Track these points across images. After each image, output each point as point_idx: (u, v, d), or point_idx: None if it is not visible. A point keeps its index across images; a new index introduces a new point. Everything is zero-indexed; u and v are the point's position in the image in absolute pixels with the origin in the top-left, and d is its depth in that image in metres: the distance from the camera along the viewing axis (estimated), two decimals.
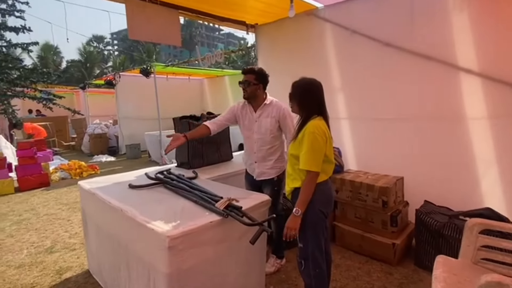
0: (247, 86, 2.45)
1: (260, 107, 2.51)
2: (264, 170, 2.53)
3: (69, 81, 23.77)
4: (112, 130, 10.20)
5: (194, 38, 45.58)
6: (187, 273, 1.63)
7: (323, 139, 1.77)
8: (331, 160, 1.89)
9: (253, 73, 2.46)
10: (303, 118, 1.88)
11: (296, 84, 1.91)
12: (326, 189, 1.89)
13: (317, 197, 1.82)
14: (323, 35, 3.54)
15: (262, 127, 2.49)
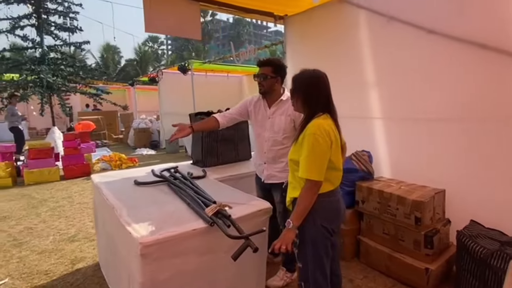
0: (264, 80, 2.21)
1: (276, 103, 2.27)
2: (274, 173, 2.29)
3: (125, 79, 25.72)
4: (155, 125, 10.68)
5: (242, 36, 46.26)
6: (163, 285, 1.48)
7: (326, 142, 1.49)
8: (337, 167, 1.60)
9: (270, 65, 2.21)
10: (305, 117, 1.62)
11: (299, 77, 1.64)
12: (330, 202, 1.60)
13: (319, 210, 1.55)
14: (356, 23, 3.14)
15: (275, 125, 2.24)
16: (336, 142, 1.56)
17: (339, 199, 1.65)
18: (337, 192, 1.65)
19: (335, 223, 1.63)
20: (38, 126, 13.96)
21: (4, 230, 3.53)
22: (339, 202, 1.65)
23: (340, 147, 1.62)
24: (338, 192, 1.66)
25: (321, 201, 1.55)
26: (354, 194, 2.74)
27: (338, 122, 1.62)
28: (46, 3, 7.27)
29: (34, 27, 7.22)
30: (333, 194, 1.62)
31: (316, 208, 1.54)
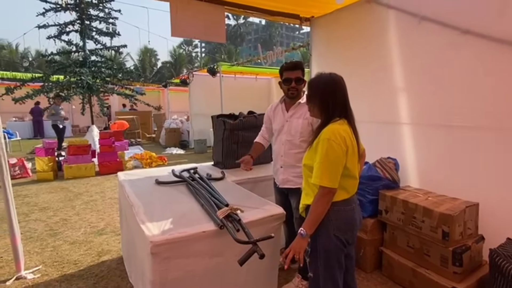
0: (300, 83, 2.18)
1: (294, 106, 2.24)
2: (290, 178, 2.25)
3: (161, 80, 26.86)
4: (185, 125, 11.02)
5: (273, 38, 46.34)
6: (173, 285, 1.51)
7: (341, 148, 1.44)
8: (353, 175, 1.54)
9: (301, 68, 2.21)
10: (322, 122, 1.58)
11: (315, 82, 1.59)
12: (345, 211, 1.53)
13: (333, 220, 1.50)
14: (385, 25, 3.00)
15: (292, 129, 2.22)
16: (353, 148, 1.50)
17: (354, 208, 1.57)
18: (352, 201, 1.58)
19: (349, 234, 1.56)
20: (80, 124, 15.01)
21: (43, 220, 3.83)
22: (354, 212, 1.57)
23: (358, 154, 1.55)
24: (354, 201, 1.59)
25: (336, 210, 1.49)
26: (377, 203, 2.61)
27: (355, 128, 1.56)
28: (89, 10, 7.83)
29: (78, 33, 7.81)
30: (348, 203, 1.55)
31: (330, 217, 1.49)
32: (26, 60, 29.75)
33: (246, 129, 3.01)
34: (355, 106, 3.37)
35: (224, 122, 2.93)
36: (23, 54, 29.76)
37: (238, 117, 3.06)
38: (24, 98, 7.15)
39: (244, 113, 3.22)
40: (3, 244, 3.13)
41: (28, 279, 2.52)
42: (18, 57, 28.63)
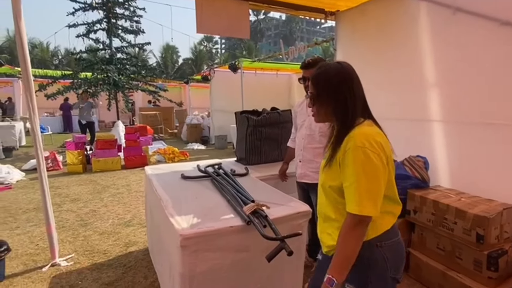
0: None
1: None
2: (307, 172, 2.27)
3: (182, 77, 27.34)
4: (206, 121, 11.16)
5: (294, 33, 45.80)
6: (201, 277, 1.53)
7: (380, 159, 1.06)
8: (394, 198, 1.19)
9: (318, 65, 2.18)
10: (341, 127, 1.16)
11: (324, 76, 1.18)
12: (398, 243, 1.20)
13: (389, 258, 1.15)
14: (415, 17, 2.88)
15: (312, 123, 2.23)
16: (391, 159, 1.14)
17: (401, 238, 1.24)
18: (397, 228, 1.24)
19: (401, 269, 1.22)
20: (106, 120, 15.57)
21: (74, 211, 4.02)
22: (402, 242, 1.24)
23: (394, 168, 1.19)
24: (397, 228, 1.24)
25: (389, 244, 1.16)
26: (405, 202, 2.53)
27: (383, 131, 1.18)
28: (115, 8, 8.07)
29: (105, 31, 8.07)
30: (397, 232, 1.22)
31: (386, 255, 1.14)
32: (56, 58, 31.21)
33: (269, 125, 3.01)
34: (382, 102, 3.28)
35: (247, 118, 2.94)
36: (53, 52, 31.21)
37: (262, 114, 3.05)
38: (56, 95, 7.50)
39: (267, 109, 3.21)
40: (39, 232, 3.32)
41: (62, 266, 2.66)
42: (49, 55, 30.08)
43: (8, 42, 29.63)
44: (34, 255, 2.86)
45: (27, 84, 2.46)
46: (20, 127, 9.74)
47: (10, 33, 29.43)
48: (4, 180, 5.31)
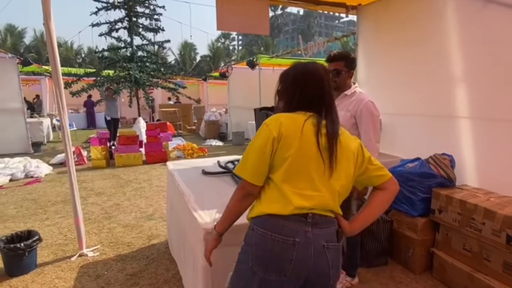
0: (337, 75, 2.14)
1: (339, 97, 2.20)
2: None
3: (200, 74, 27.62)
4: (224, 117, 11.26)
5: (312, 28, 45.14)
6: (223, 271, 1.56)
7: (266, 134, 1.10)
8: (291, 186, 1.09)
9: (343, 59, 2.15)
10: None
11: (285, 74, 1.27)
12: (271, 237, 1.07)
13: (252, 245, 1.13)
14: (442, 10, 2.77)
15: None
16: (298, 141, 1.08)
17: (287, 242, 1.06)
18: (283, 224, 1.07)
19: (275, 272, 1.06)
20: (127, 116, 16.01)
21: (98, 204, 4.18)
22: (287, 246, 1.06)
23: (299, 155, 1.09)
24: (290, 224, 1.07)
25: (261, 233, 1.09)
26: (429, 201, 2.46)
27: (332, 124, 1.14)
28: (136, 7, 8.24)
29: (126, 29, 8.27)
30: (278, 226, 1.07)
31: (250, 240, 1.14)
32: (80, 56, 32.33)
33: None
34: (407, 98, 3.20)
35: (267, 114, 2.93)
36: (77, 51, 32.35)
37: None
38: (80, 92, 7.78)
39: None
40: (67, 224, 3.48)
41: (89, 256, 2.78)
42: (73, 54, 31.21)
43: (35, 41, 31.00)
44: (63, 245, 3.00)
45: (56, 83, 2.56)
46: (47, 123, 10.20)
47: (37, 33, 30.79)
48: (34, 173, 5.59)
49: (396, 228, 2.64)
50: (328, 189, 1.12)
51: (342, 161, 1.13)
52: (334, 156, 1.11)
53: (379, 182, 1.21)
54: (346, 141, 1.17)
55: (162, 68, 8.96)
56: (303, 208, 1.08)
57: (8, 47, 26.06)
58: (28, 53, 27.00)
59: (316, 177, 1.10)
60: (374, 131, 2.07)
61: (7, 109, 7.64)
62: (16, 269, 2.52)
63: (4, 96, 7.61)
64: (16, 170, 5.51)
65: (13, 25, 30.37)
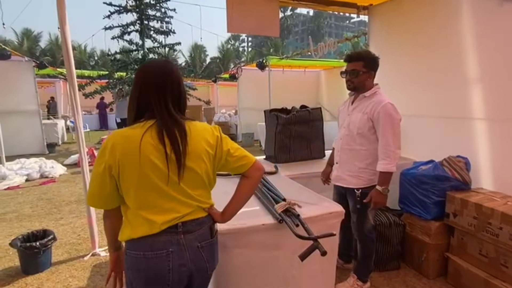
0: (355, 76, 2.06)
1: (358, 99, 2.14)
2: (343, 176, 2.18)
3: (209, 75, 27.79)
4: (233, 119, 11.31)
5: (322, 29, 44.91)
6: (232, 273, 1.56)
7: (104, 163, 1.05)
8: (148, 207, 1.08)
9: (362, 59, 2.06)
10: None
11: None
12: (143, 257, 1.07)
13: (129, 267, 1.13)
14: (457, 9, 2.71)
15: (351, 123, 2.13)
16: (134, 167, 1.04)
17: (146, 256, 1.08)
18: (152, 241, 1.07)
19: (157, 286, 1.10)
20: None
21: None
22: (158, 257, 1.08)
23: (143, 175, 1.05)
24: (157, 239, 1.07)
25: (133, 255, 1.09)
26: (444, 205, 2.40)
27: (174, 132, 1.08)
28: (147, 10, 8.37)
29: (138, 32, 8.40)
30: (143, 245, 1.07)
31: (126, 265, 1.13)
32: (93, 59, 33.02)
33: (299, 123, 2.98)
34: (421, 99, 3.14)
35: (277, 116, 2.94)
36: (90, 53, 33.04)
37: (291, 112, 3.03)
38: (94, 94, 7.94)
39: (296, 107, 3.18)
40: (80, 223, 3.55)
41: (101, 256, 2.83)
42: (86, 57, 31.89)
43: (50, 45, 31.82)
44: (76, 245, 3.06)
45: (71, 85, 2.62)
46: (61, 124, 10.44)
47: (52, 37, 31.61)
48: (49, 174, 5.73)
49: (408, 232, 2.59)
50: (186, 195, 1.12)
51: (193, 165, 1.12)
52: (182, 167, 1.09)
53: (242, 171, 1.28)
54: (196, 140, 1.13)
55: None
56: (170, 221, 1.09)
57: (25, 50, 26.84)
58: (43, 56, 27.74)
59: (171, 190, 1.09)
60: (393, 136, 1.95)
61: (23, 111, 7.87)
62: (31, 267, 2.58)
63: (20, 98, 7.84)
64: (32, 171, 5.67)
65: (29, 29, 31.26)
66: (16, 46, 27.51)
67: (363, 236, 2.20)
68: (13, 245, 2.53)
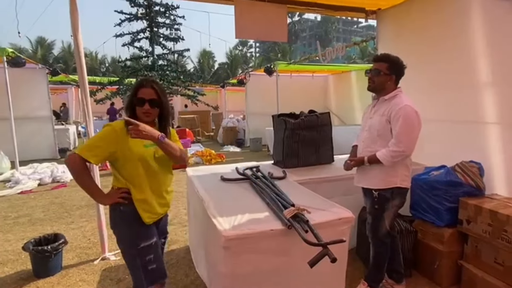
0: (376, 75, 2.08)
1: (378, 102, 2.16)
2: (364, 177, 2.19)
3: (218, 81, 28.01)
4: (241, 124, 11.35)
5: (330, 34, 44.91)
6: (242, 278, 1.55)
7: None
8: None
9: (387, 61, 2.07)
10: None
11: None
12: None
13: None
14: (467, 13, 2.67)
15: (372, 126, 2.15)
16: None
17: None
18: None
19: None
20: None
21: None
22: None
23: None
24: None
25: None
26: (457, 211, 2.35)
27: None
28: (157, 18, 8.54)
29: (148, 39, 8.58)
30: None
31: None
32: (104, 66, 33.72)
33: (307, 128, 2.97)
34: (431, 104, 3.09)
35: (285, 121, 2.93)
36: (101, 60, 33.76)
37: (299, 116, 3.03)
38: (104, 99, 8.10)
39: (304, 111, 3.17)
40: (90, 228, 3.59)
41: (111, 260, 2.85)
42: (97, 64, 32.59)
43: (63, 52, 32.65)
44: (86, 249, 3.09)
45: (83, 92, 2.68)
46: (73, 130, 10.65)
47: (64, 44, 32.45)
48: (60, 178, 5.83)
49: (420, 239, 2.53)
50: None
51: None
52: None
53: None
54: None
55: (181, 76, 9.18)
56: None
57: (39, 58, 27.61)
58: (56, 63, 28.46)
59: None
60: (407, 136, 1.95)
61: (36, 117, 8.05)
62: (43, 270, 2.62)
63: (34, 104, 8.03)
64: (44, 175, 5.78)
65: (43, 38, 32.18)
66: (30, 54, 28.35)
67: (377, 240, 2.18)
68: (26, 248, 2.58)
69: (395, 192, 2.07)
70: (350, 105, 9.50)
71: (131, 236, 1.60)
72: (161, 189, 1.73)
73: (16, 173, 5.77)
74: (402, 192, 2.11)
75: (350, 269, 2.45)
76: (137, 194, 1.60)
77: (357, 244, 2.82)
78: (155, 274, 1.60)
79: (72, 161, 1.53)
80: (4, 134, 6.40)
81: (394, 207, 2.11)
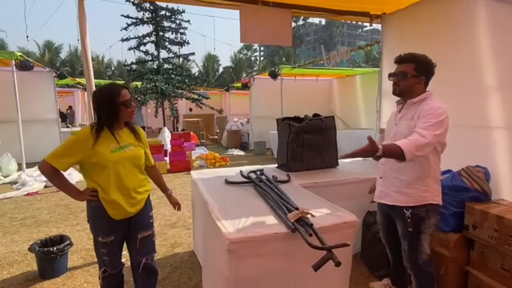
0: (402, 79, 1.82)
1: (405, 106, 1.89)
2: (388, 192, 1.91)
3: (222, 84, 28.14)
4: (245, 127, 11.35)
5: (334, 37, 44.96)
6: (245, 282, 1.55)
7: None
8: None
9: (413, 61, 1.81)
10: None
11: None
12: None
13: None
14: (472, 18, 2.67)
15: (398, 133, 1.87)
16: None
17: None
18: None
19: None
20: (153, 126, 16.56)
21: None
22: None
23: None
24: None
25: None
26: (462, 216, 2.33)
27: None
28: (163, 22, 8.64)
29: (153, 43, 8.68)
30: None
31: None
32: (110, 69, 34.09)
33: (311, 132, 2.97)
34: None
35: (289, 125, 2.93)
36: (107, 64, 34.15)
37: (304, 120, 3.03)
38: None
39: (308, 115, 3.17)
40: None
41: None
42: (103, 67, 32.96)
43: (70, 56, 33.09)
44: (91, 250, 3.10)
45: (90, 96, 2.71)
46: None
47: (71, 48, 32.90)
48: None
49: None
50: None
51: None
52: None
53: None
54: None
55: (186, 80, 9.26)
56: None
57: (46, 61, 28.00)
58: (63, 67, 28.86)
59: None
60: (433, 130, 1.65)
61: (43, 119, 8.16)
62: (48, 272, 2.64)
63: (41, 107, 8.14)
64: None
65: (50, 41, 32.66)
66: (38, 57, 28.77)
67: (418, 270, 1.91)
68: (32, 249, 2.60)
69: (429, 210, 1.83)
70: (355, 109, 9.47)
71: (95, 229, 1.85)
72: (129, 191, 1.82)
73: (23, 175, 5.84)
74: (435, 209, 1.87)
75: (355, 274, 2.44)
76: (105, 196, 1.75)
77: (362, 249, 2.80)
78: (107, 264, 1.92)
79: (43, 167, 1.70)
80: (11, 136, 6.49)
81: (432, 226, 1.85)
